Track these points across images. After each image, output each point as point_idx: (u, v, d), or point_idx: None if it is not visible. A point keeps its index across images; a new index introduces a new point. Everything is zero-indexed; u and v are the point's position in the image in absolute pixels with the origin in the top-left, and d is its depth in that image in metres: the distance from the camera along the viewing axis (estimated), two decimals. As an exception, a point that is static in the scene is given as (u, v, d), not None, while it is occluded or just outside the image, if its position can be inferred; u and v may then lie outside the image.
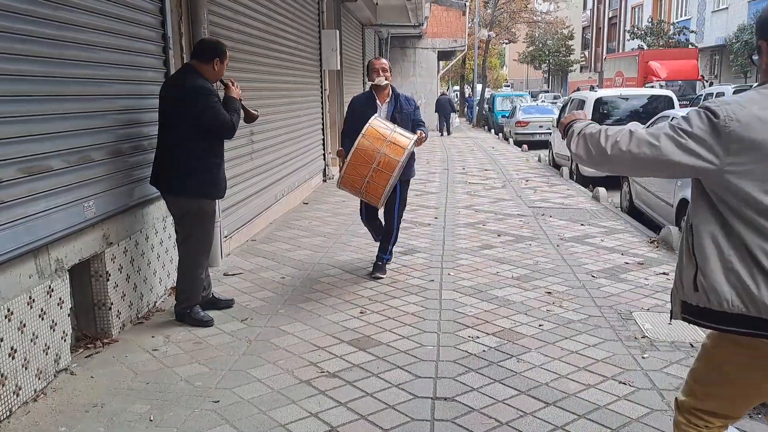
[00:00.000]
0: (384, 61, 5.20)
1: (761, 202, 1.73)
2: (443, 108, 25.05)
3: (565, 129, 2.18)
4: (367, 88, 5.24)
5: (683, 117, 1.83)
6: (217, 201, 4.34)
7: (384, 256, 5.30)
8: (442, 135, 24.09)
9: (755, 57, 1.96)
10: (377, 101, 5.15)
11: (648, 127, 1.94)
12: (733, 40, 23.15)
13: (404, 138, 4.66)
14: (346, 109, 5.66)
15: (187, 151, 3.97)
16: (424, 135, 4.95)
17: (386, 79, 5.06)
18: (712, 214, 1.83)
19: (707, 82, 25.17)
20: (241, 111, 4.27)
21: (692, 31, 28.14)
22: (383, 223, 5.38)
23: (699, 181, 1.86)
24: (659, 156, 1.81)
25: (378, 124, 4.68)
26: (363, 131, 4.55)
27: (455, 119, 27.13)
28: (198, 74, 4.00)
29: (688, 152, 1.78)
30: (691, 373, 2.07)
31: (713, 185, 1.81)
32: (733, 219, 1.78)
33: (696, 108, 1.85)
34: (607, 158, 1.92)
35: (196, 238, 4.16)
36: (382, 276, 5.20)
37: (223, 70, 4.13)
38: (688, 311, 1.91)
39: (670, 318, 2.05)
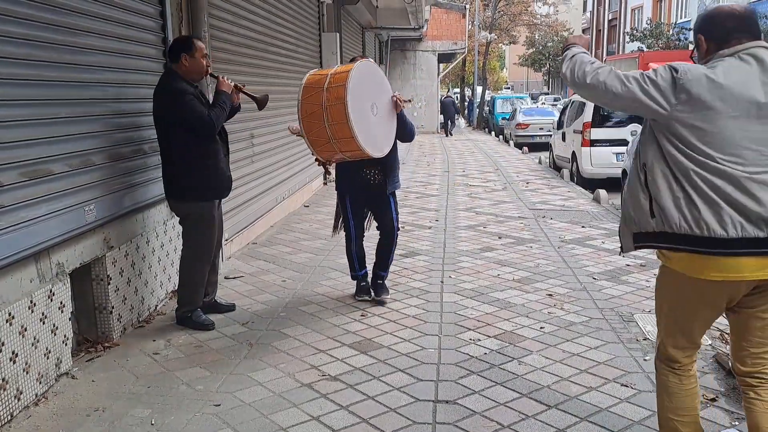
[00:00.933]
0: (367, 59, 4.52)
1: (696, 146, 2.18)
2: (447, 110, 25.92)
3: (563, 49, 2.52)
4: (409, 103, 4.74)
5: (654, 69, 2.26)
6: (217, 203, 4.26)
7: (384, 273, 4.78)
8: (447, 135, 24.80)
9: (695, 56, 2.42)
10: None
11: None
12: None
13: (351, 63, 4.15)
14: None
15: (178, 154, 3.97)
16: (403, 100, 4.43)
17: None
18: (661, 155, 2.25)
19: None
20: (235, 101, 4.22)
21: (692, 42, 28.13)
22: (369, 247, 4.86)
23: (651, 129, 2.30)
24: (626, 93, 2.24)
25: (319, 70, 4.37)
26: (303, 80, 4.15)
27: (459, 120, 27.69)
28: (173, 76, 3.97)
29: (649, 96, 2.22)
30: (656, 316, 2.49)
31: (663, 128, 2.24)
32: (677, 158, 2.21)
33: (666, 64, 2.27)
34: (586, 83, 2.32)
35: (194, 241, 4.16)
36: (388, 297, 4.70)
37: (199, 64, 3.97)
38: (641, 239, 2.33)
39: (620, 252, 2.49)
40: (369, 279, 4.84)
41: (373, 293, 4.73)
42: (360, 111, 4.00)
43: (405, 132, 4.56)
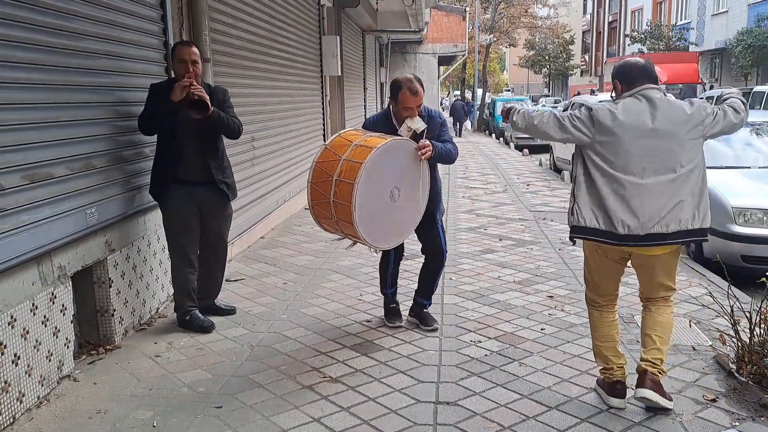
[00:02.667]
0: (420, 91, 3.84)
1: (605, 165, 3.00)
2: (457, 112, 27.42)
3: (508, 111, 3.39)
4: (377, 102, 4.25)
5: (578, 110, 3.09)
6: (174, 202, 4.06)
7: (428, 302, 4.30)
8: (457, 136, 25.16)
9: (613, 95, 3.23)
10: (394, 122, 3.97)
11: None
12: (734, 44, 23.16)
13: (380, 138, 3.67)
14: (346, 113, 5.50)
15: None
16: (430, 147, 3.78)
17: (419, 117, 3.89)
18: (583, 170, 3.08)
19: (707, 85, 25.16)
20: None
21: (692, 43, 28.16)
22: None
23: (579, 150, 3.12)
24: (562, 129, 3.11)
25: (352, 131, 3.87)
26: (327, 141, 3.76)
27: (467, 122, 28.81)
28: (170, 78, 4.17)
29: (578, 129, 3.07)
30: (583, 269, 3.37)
31: (588, 151, 3.07)
32: (595, 173, 3.02)
33: (585, 106, 3.12)
34: (534, 127, 3.21)
35: (167, 242, 4.23)
36: (437, 324, 4.22)
37: (179, 68, 3.95)
38: (572, 231, 3.18)
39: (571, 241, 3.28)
40: (395, 298, 4.43)
41: (419, 322, 4.25)
42: (374, 195, 3.58)
43: (449, 163, 4.18)
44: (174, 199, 4.08)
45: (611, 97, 3.26)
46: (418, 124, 3.83)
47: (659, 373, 3.09)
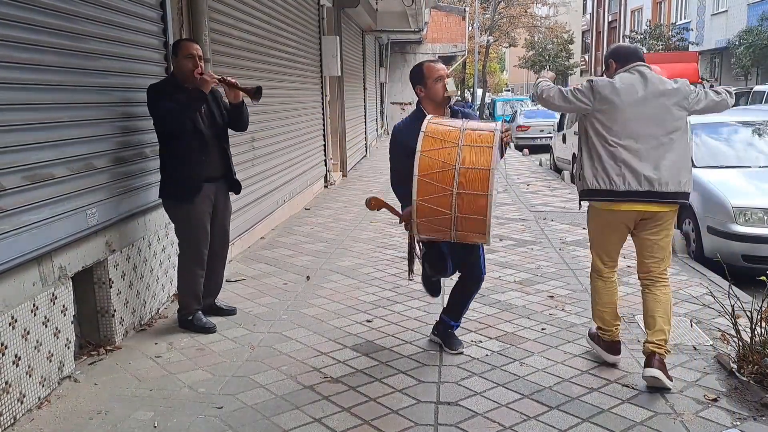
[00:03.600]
0: (441, 64, 3.72)
1: (604, 131, 3.39)
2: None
3: (536, 84, 3.74)
4: (409, 106, 3.79)
5: (581, 84, 3.50)
6: (207, 205, 4.09)
7: (457, 323, 3.93)
8: None
9: (606, 73, 3.63)
10: (425, 112, 3.63)
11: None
12: (737, 43, 23.15)
13: (483, 130, 3.28)
14: (346, 113, 5.44)
15: (161, 156, 4.07)
16: (506, 126, 3.47)
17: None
18: (586, 139, 3.48)
19: (708, 83, 25.14)
20: (230, 97, 4.12)
21: (692, 42, 28.17)
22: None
23: (582, 122, 3.52)
24: (568, 100, 3.49)
25: (434, 126, 3.32)
26: (417, 146, 3.20)
27: None
28: (166, 78, 4.18)
29: (579, 100, 3.46)
30: (589, 243, 3.72)
31: (590, 119, 3.45)
32: (596, 139, 3.41)
33: (587, 79, 3.53)
34: (543, 99, 3.58)
35: (181, 244, 4.17)
36: (462, 349, 3.86)
37: (182, 65, 3.96)
38: (581, 195, 3.54)
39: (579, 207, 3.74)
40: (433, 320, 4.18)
41: (443, 343, 3.90)
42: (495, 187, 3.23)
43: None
44: (198, 199, 4.04)
45: (603, 75, 3.63)
46: (452, 87, 3.68)
47: (665, 353, 3.38)
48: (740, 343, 3.48)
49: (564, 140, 12.52)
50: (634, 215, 3.41)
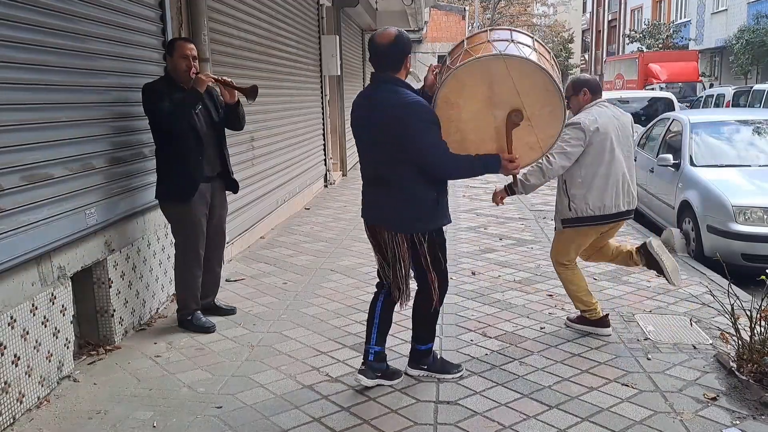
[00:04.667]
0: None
1: (590, 163, 3.83)
2: None
3: (510, 186, 3.89)
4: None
5: (565, 134, 3.73)
6: (204, 205, 4.09)
7: (420, 346, 3.49)
8: None
9: (572, 98, 4.05)
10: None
11: (647, 129, 3.94)
12: (734, 41, 23.15)
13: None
14: (346, 113, 5.33)
15: (157, 155, 4.06)
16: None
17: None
18: (576, 172, 3.85)
19: (707, 81, 25.16)
20: (226, 98, 4.10)
21: (691, 39, 28.17)
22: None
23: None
24: (569, 153, 3.80)
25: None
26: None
27: None
28: (162, 77, 4.14)
29: (575, 147, 3.81)
30: (556, 253, 4.09)
31: (582, 154, 3.82)
32: (589, 165, 3.83)
33: (571, 124, 3.82)
34: (553, 173, 3.86)
35: (178, 244, 4.16)
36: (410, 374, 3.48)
37: (176, 63, 3.94)
38: (566, 223, 3.94)
39: (555, 230, 4.12)
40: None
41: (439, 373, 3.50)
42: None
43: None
44: (194, 199, 4.01)
45: (568, 106, 3.96)
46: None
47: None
48: (740, 342, 3.48)
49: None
50: (604, 227, 4.02)
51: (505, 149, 3.18)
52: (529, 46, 3.12)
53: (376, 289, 3.44)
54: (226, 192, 4.38)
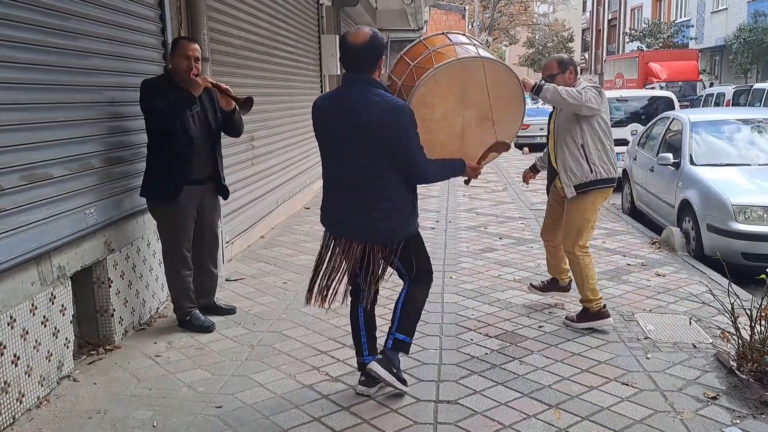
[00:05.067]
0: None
1: (602, 127, 4.08)
2: None
3: (536, 86, 3.96)
4: None
5: (593, 90, 3.99)
6: (181, 204, 3.99)
7: (407, 338, 3.32)
8: None
9: (553, 76, 4.21)
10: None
11: (648, 128, 5.84)
12: (733, 40, 23.15)
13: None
14: None
15: (147, 153, 4.04)
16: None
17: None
18: (592, 134, 4.06)
19: (707, 80, 25.16)
20: (222, 104, 4.10)
21: (692, 38, 28.16)
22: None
23: (579, 121, 4.05)
24: (594, 107, 3.95)
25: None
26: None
27: None
28: (162, 75, 4.14)
29: (597, 104, 3.96)
30: (574, 232, 4.13)
31: (594, 119, 4.04)
32: (599, 135, 4.07)
33: (594, 87, 4.02)
34: (573, 101, 3.91)
35: (162, 242, 4.15)
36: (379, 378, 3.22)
37: (177, 63, 3.92)
38: (580, 187, 4.05)
39: (567, 197, 4.15)
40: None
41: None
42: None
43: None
44: (182, 201, 3.98)
45: (547, 80, 4.17)
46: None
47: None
48: (740, 341, 3.48)
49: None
50: None
51: (468, 152, 3.33)
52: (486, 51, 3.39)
53: (350, 298, 3.36)
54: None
